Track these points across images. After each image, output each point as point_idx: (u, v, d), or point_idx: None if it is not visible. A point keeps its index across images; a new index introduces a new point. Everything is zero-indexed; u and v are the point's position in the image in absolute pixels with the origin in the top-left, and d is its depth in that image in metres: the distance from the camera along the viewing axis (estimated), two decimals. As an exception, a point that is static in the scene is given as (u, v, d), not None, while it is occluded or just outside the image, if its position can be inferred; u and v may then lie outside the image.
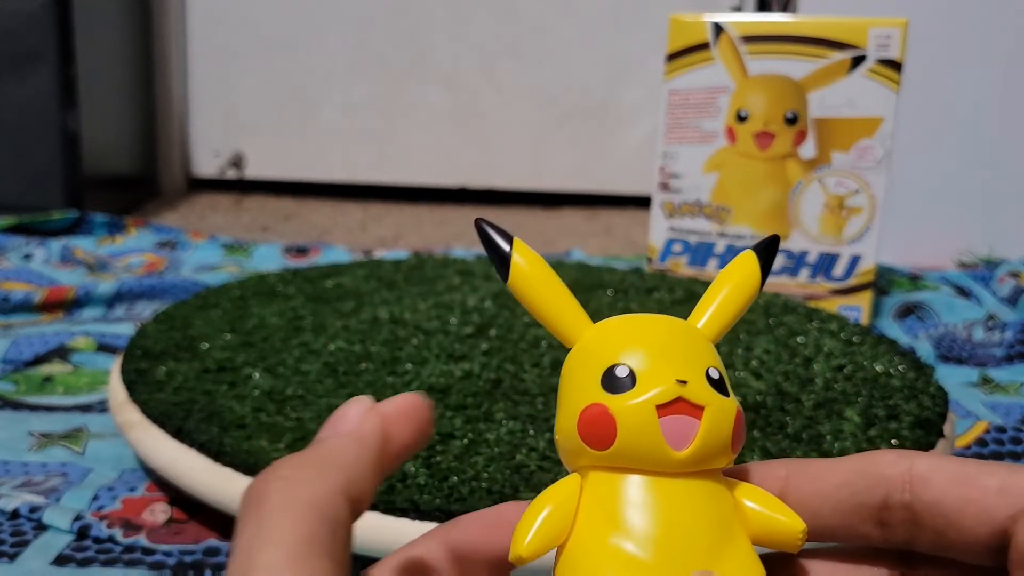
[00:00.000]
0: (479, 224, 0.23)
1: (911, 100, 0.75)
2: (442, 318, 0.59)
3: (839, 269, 0.73)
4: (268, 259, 0.94)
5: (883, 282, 0.83)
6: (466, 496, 0.40)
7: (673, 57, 0.72)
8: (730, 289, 0.23)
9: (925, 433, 0.46)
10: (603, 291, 0.67)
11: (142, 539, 0.44)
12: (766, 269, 0.24)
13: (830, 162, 0.71)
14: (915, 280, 0.85)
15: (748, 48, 0.71)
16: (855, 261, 0.72)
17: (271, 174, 1.37)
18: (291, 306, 0.62)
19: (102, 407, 0.58)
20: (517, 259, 0.23)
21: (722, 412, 0.21)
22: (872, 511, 0.21)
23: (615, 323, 0.23)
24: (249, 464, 0.42)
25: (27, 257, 0.91)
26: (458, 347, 0.55)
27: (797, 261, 0.73)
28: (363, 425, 0.21)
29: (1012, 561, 0.19)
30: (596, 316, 0.23)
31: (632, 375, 0.21)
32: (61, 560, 0.42)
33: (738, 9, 1.21)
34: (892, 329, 0.75)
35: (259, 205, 1.31)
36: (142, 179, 1.32)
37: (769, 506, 0.22)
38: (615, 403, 0.21)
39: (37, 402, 0.59)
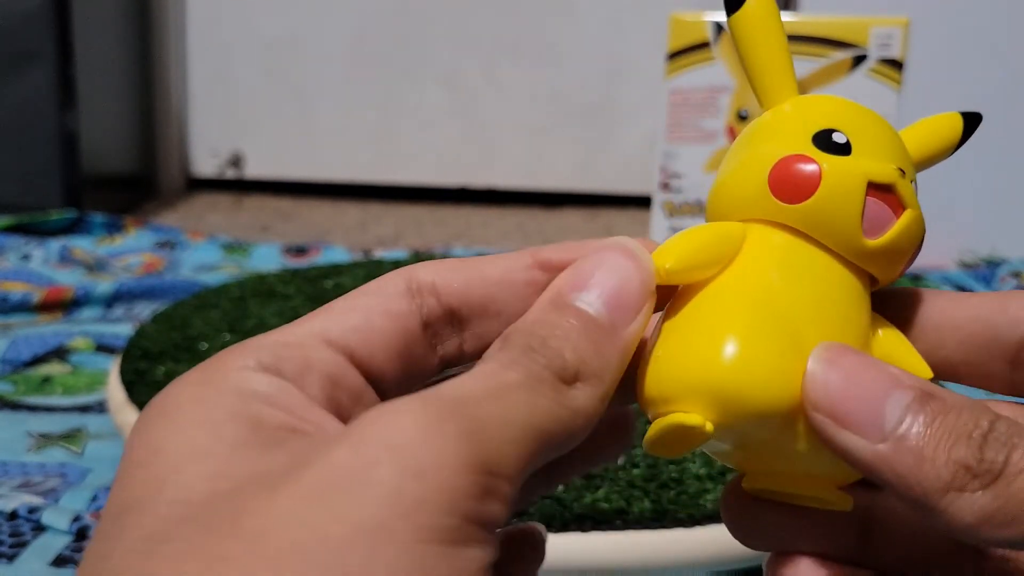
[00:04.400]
0: None
1: (913, 99, 0.75)
2: (442, 318, 0.59)
3: (840, 269, 0.72)
4: (267, 259, 0.93)
5: (884, 282, 0.83)
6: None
7: (674, 56, 0.72)
8: (931, 131, 0.21)
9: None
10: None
11: (141, 540, 0.43)
12: (965, 137, 0.21)
13: (831, 161, 0.71)
14: (916, 280, 0.85)
15: (749, 47, 0.70)
16: (856, 261, 0.72)
17: (270, 174, 1.37)
18: (290, 306, 0.62)
19: (101, 408, 0.58)
20: None
21: (919, 222, 0.19)
22: (1007, 349, 0.19)
23: (831, 98, 0.21)
24: (249, 465, 0.42)
25: (26, 257, 0.91)
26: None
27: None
28: (635, 326, 0.18)
29: None
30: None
31: (849, 144, 0.19)
32: (60, 561, 0.42)
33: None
34: (893, 329, 0.75)
35: (258, 205, 1.31)
36: (141, 179, 1.31)
37: (900, 345, 0.20)
38: (827, 160, 0.19)
39: (36, 403, 0.58)
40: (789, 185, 0.19)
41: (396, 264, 0.73)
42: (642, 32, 1.26)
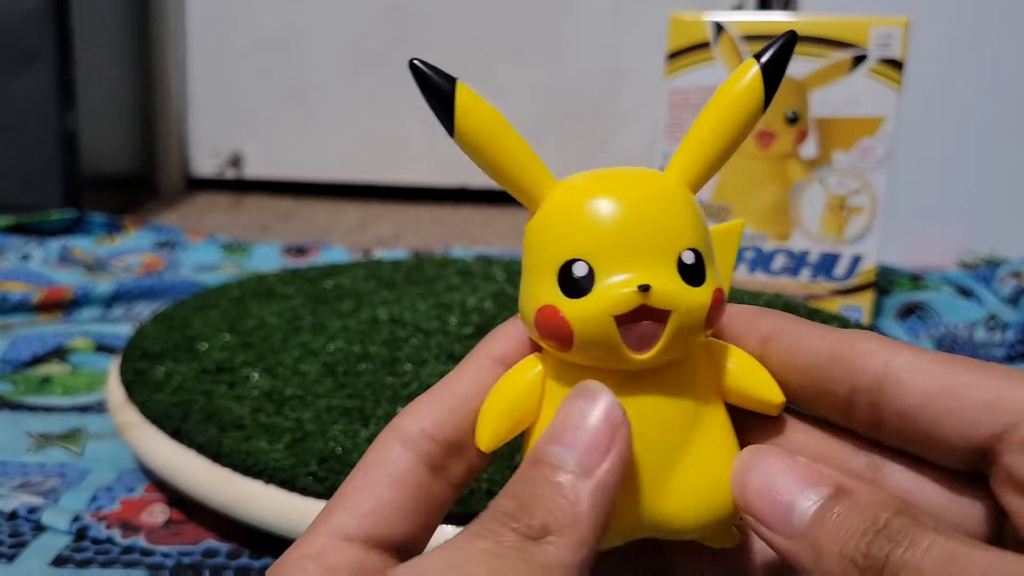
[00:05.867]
0: (413, 64, 0.20)
1: (913, 99, 0.75)
2: (442, 318, 0.59)
3: (840, 269, 0.72)
4: (267, 259, 0.93)
5: (884, 282, 0.83)
6: (465, 497, 0.39)
7: (674, 56, 0.72)
8: (720, 116, 0.20)
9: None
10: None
11: (141, 540, 0.43)
12: (773, 80, 0.19)
13: (831, 162, 0.71)
14: (916, 280, 0.85)
15: (749, 47, 0.70)
16: (856, 261, 0.72)
17: (270, 173, 1.37)
18: (290, 306, 0.62)
19: (101, 408, 0.58)
20: (463, 104, 0.20)
21: (692, 312, 0.19)
22: (838, 400, 0.20)
23: (582, 189, 0.20)
24: (248, 465, 0.42)
25: (25, 257, 0.91)
26: (458, 347, 0.55)
27: (798, 261, 0.73)
28: (613, 458, 0.18)
29: (995, 480, 0.18)
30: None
31: (591, 274, 0.19)
32: (59, 561, 0.42)
33: (739, 8, 1.21)
34: (894, 329, 0.75)
35: (258, 205, 1.31)
36: (140, 179, 1.31)
37: (749, 372, 0.20)
38: (571, 309, 0.19)
39: (35, 403, 0.58)
40: (551, 338, 0.19)
41: (396, 264, 0.73)
42: (642, 32, 1.26)
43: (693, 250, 0.19)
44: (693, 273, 0.19)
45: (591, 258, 0.19)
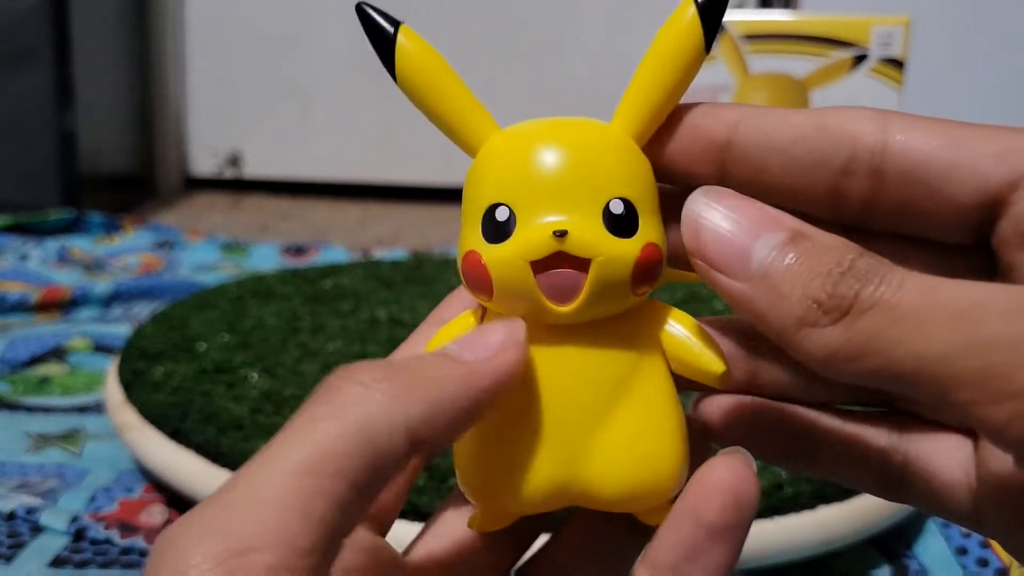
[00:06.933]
0: (359, 7, 0.19)
1: (913, 99, 0.74)
2: (442, 318, 0.59)
3: (841, 269, 0.72)
4: (266, 259, 0.93)
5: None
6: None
7: (674, 55, 0.72)
8: (660, 63, 0.19)
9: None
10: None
11: (139, 541, 0.43)
12: (712, 21, 0.19)
13: (832, 161, 0.71)
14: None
15: (749, 46, 0.70)
16: (857, 261, 0.72)
17: (269, 173, 1.37)
18: (289, 306, 0.62)
19: (99, 408, 0.57)
20: (405, 44, 0.19)
21: (614, 262, 0.18)
22: (830, 174, 0.18)
23: (518, 135, 0.20)
24: (247, 466, 0.42)
25: (24, 257, 0.90)
26: (458, 347, 0.55)
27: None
28: (495, 360, 0.17)
29: (1002, 235, 0.17)
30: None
31: (512, 218, 0.18)
32: (58, 562, 0.42)
33: (740, 7, 1.21)
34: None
35: (257, 204, 1.30)
36: (139, 178, 1.31)
37: (693, 337, 0.19)
38: (490, 254, 0.18)
39: (34, 403, 0.58)
40: (473, 285, 0.19)
41: (395, 264, 0.73)
42: (642, 31, 1.26)
43: (624, 200, 0.18)
44: (621, 223, 0.18)
45: (514, 203, 0.18)
